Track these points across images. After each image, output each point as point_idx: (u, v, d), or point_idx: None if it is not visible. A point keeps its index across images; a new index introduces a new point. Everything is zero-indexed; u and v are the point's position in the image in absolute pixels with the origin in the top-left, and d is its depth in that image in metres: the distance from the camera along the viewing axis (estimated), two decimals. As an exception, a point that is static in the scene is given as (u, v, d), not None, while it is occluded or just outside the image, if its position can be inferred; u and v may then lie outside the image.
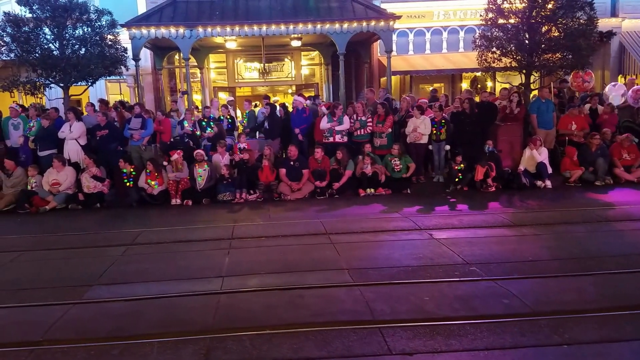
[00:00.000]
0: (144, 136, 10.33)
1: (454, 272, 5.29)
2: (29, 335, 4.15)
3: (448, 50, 15.92)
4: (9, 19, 11.63)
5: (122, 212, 9.04)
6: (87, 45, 11.84)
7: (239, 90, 16.29)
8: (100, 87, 13.93)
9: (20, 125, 10.43)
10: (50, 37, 11.74)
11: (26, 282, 5.49)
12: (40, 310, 4.71)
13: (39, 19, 11.61)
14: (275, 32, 12.37)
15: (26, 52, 11.59)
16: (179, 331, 4.13)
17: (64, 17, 11.66)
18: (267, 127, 10.85)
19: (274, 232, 7.16)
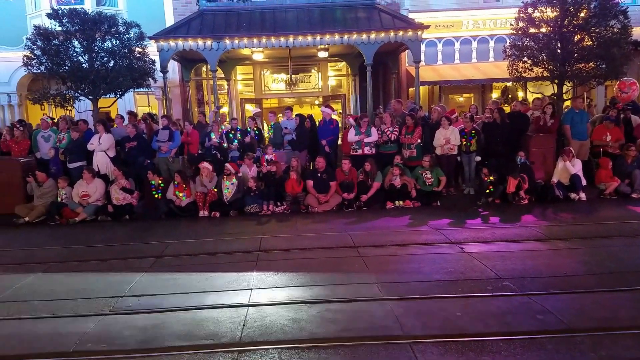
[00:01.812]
0: (171, 148, 10.59)
1: (486, 286, 5.28)
2: (61, 346, 4.29)
3: (478, 60, 15.88)
4: (39, 32, 12.14)
5: (151, 223, 9.26)
6: (115, 58, 12.25)
7: (265, 102, 16.55)
8: (128, 99, 14.38)
9: (51, 138, 10.80)
10: (79, 50, 12.20)
11: (57, 293, 5.67)
12: (71, 321, 4.86)
13: (69, 32, 12.08)
14: (302, 43, 12.58)
15: (56, 65, 12.04)
16: (207, 344, 4.22)
17: (93, 30, 12.11)
18: (294, 139, 11.02)
19: (302, 245, 7.25)
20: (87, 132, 10.76)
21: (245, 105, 16.48)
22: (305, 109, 16.99)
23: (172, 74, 14.21)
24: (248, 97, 16.58)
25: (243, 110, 16.32)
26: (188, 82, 15.48)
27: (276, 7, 13.64)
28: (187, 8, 15.01)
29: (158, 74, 13.03)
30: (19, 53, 13.00)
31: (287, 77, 15.36)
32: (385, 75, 15.76)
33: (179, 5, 15.52)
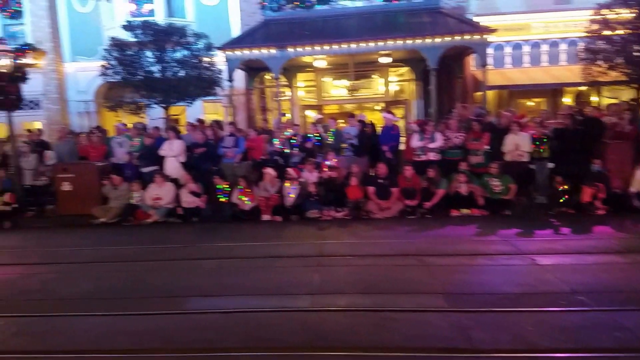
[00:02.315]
0: (236, 154, 10.87)
1: (559, 300, 5.00)
2: (129, 343, 4.45)
3: (549, 64, 15.22)
4: (115, 43, 12.92)
5: (217, 226, 9.50)
6: (186, 68, 12.82)
7: (326, 108, 16.66)
8: (197, 106, 14.94)
9: (125, 143, 11.39)
10: (152, 60, 12.86)
11: (127, 291, 5.90)
12: (140, 319, 5.03)
13: (142, 43, 12.78)
14: (364, 49, 12.59)
15: (131, 74, 12.77)
16: (267, 347, 4.27)
17: (165, 41, 12.73)
18: (355, 145, 11.00)
19: (363, 251, 7.18)
20: (158, 139, 11.22)
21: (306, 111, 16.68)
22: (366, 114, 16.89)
23: (237, 82, 14.63)
24: (309, 103, 16.77)
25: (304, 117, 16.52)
26: (252, 89, 15.89)
27: (339, 14, 13.74)
28: (252, 18, 15.43)
29: (225, 82, 13.48)
30: (97, 63, 13.86)
31: (348, 83, 15.39)
32: (449, 79, 15.43)
33: (245, 15, 15.98)
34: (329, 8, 14.03)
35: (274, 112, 15.36)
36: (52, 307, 5.43)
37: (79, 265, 7.18)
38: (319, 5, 13.96)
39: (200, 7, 16.36)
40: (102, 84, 15.65)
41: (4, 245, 8.81)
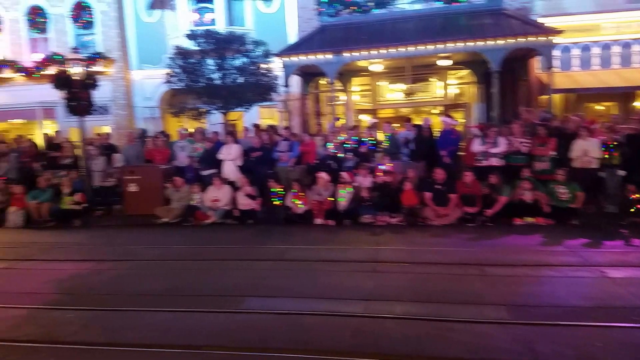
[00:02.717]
0: (290, 158, 10.99)
1: (630, 316, 4.68)
2: (191, 339, 4.56)
3: (621, 66, 14.34)
4: (179, 51, 13.41)
5: (271, 228, 9.60)
6: (244, 75, 13.11)
7: (381, 112, 16.50)
8: (254, 111, 15.22)
9: (187, 147, 11.77)
10: (213, 67, 13.24)
11: (188, 289, 6.06)
12: (201, 316, 5.14)
13: (204, 51, 13.19)
14: (423, 52, 12.37)
15: (193, 82, 13.20)
16: (320, 350, 4.25)
17: (225, 48, 13.08)
18: (411, 149, 10.79)
19: (419, 259, 6.99)
20: (217, 143, 11.52)
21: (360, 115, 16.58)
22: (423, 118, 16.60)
23: (292, 88, 14.78)
24: (364, 107, 16.66)
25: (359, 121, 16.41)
26: (307, 94, 16.00)
27: (397, 17, 13.58)
28: (309, 24, 15.56)
29: (281, 88, 13.66)
30: (161, 71, 14.44)
31: (405, 87, 15.15)
32: (513, 82, 14.86)
33: (302, 22, 16.15)
34: (387, 12, 13.90)
35: (328, 116, 15.36)
36: (119, 302, 5.64)
37: (144, 262, 7.48)
38: (376, 10, 13.85)
39: (259, 15, 16.70)
40: (166, 90, 16.29)
41: (75, 242, 9.30)
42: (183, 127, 14.07)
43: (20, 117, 18.10)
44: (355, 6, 13.99)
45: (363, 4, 13.90)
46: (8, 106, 17.71)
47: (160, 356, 4.30)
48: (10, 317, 5.27)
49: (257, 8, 16.67)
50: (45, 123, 17.52)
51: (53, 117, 17.45)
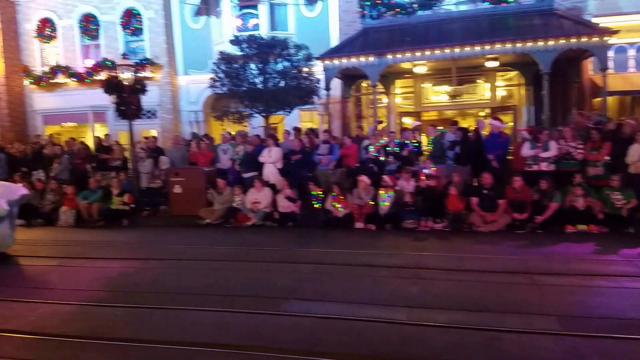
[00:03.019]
0: (330, 161, 10.97)
1: (695, 332, 4.34)
2: (232, 339, 4.58)
3: (682, 66, 13.55)
4: (223, 57, 13.63)
5: (311, 231, 9.60)
6: (286, 78, 13.18)
7: (425, 115, 16.23)
8: (294, 115, 15.27)
9: (229, 150, 11.97)
10: (255, 72, 13.39)
11: (228, 289, 6.11)
12: (242, 316, 5.17)
13: (247, 56, 13.35)
14: (469, 53, 12.08)
15: (236, 86, 13.38)
16: (362, 355, 4.18)
17: (267, 53, 13.20)
18: (457, 153, 10.54)
19: (465, 266, 6.78)
20: (259, 146, 11.65)
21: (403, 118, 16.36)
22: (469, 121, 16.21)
23: (333, 91, 14.73)
24: (407, 110, 16.43)
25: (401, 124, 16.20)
26: (348, 97, 15.92)
27: (442, 19, 13.32)
28: (351, 27, 15.48)
29: (322, 91, 13.66)
30: (206, 76, 14.71)
31: (450, 89, 14.84)
32: (564, 84, 14.29)
33: (344, 25, 16.08)
34: (432, 13, 13.64)
35: (369, 119, 15.24)
36: (164, 300, 5.72)
37: (187, 262, 7.61)
38: (421, 11, 13.63)
39: (301, 19, 16.76)
40: (210, 95, 16.58)
41: (122, 241, 9.62)
42: (226, 130, 14.33)
43: (72, 120, 18.84)
44: (399, 8, 13.79)
45: (407, 6, 13.70)
46: (61, 110, 18.51)
47: (202, 354, 4.32)
48: (62, 313, 5.45)
49: (300, 12, 16.73)
50: (96, 126, 18.18)
51: (104, 120, 18.09)
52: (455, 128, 11.25)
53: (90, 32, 18.09)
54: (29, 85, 18.77)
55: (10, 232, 8.36)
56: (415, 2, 13.56)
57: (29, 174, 12.50)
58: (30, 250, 8.70)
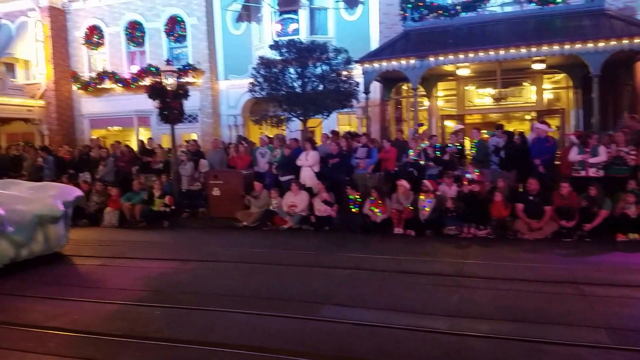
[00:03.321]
0: (369, 165, 10.89)
1: None
2: (268, 343, 4.57)
3: None
4: (262, 62, 13.79)
5: (348, 236, 9.54)
6: (324, 82, 13.20)
7: (468, 118, 15.92)
8: (332, 118, 15.28)
9: (267, 154, 12.08)
10: (294, 76, 13.47)
11: (265, 292, 6.11)
12: (277, 320, 5.16)
13: (286, 61, 13.45)
14: (514, 56, 11.82)
15: (275, 90, 13.51)
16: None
17: (307, 57, 13.26)
18: (502, 157, 10.26)
19: (509, 275, 6.56)
20: (296, 149, 11.71)
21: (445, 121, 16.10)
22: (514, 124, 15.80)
23: (372, 94, 14.66)
24: (449, 113, 16.17)
25: (443, 127, 15.94)
26: (388, 100, 15.80)
27: (486, 20, 13.08)
28: (392, 30, 15.38)
29: (360, 94, 13.61)
30: (245, 80, 14.94)
31: (495, 92, 14.50)
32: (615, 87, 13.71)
33: (384, 28, 15.99)
34: (475, 15, 13.39)
35: (410, 122, 15.07)
36: (202, 301, 5.77)
37: (225, 264, 7.69)
38: (464, 13, 13.40)
39: (341, 22, 16.77)
40: (249, 99, 16.82)
41: (162, 242, 9.83)
42: (264, 134, 14.47)
43: (118, 124, 19.54)
44: (441, 10, 13.60)
45: (450, 8, 13.49)
46: (107, 114, 19.22)
47: (237, 357, 4.33)
48: (104, 312, 5.59)
49: (340, 16, 16.75)
50: (140, 130, 18.75)
51: (147, 124, 18.64)
52: (500, 132, 10.96)
53: (136, 39, 18.70)
54: (77, 91, 19.56)
55: (64, 233, 8.60)
56: (459, 3, 13.34)
57: (76, 176, 12.94)
58: (75, 250, 8.99)
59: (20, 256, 7.67)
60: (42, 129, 19.04)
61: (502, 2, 13.51)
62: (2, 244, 7.35)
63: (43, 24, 18.84)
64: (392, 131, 15.60)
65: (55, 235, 8.30)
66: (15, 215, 7.51)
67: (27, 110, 18.48)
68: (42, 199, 8.22)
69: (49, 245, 8.20)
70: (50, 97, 19.01)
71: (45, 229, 8.06)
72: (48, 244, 8.17)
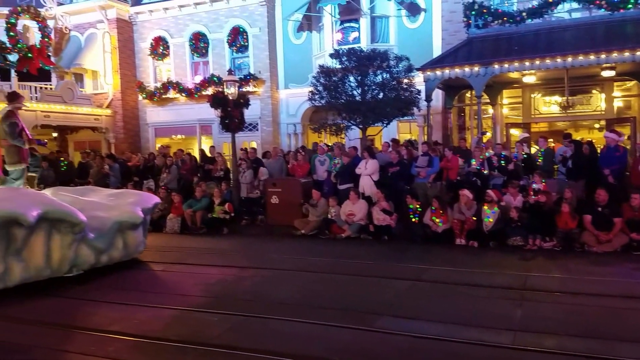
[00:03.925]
0: (429, 173, 10.84)
1: None
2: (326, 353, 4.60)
3: None
4: (322, 70, 14.05)
5: (407, 246, 9.53)
6: (384, 90, 13.28)
7: (534, 126, 15.51)
8: (392, 127, 15.31)
9: (326, 162, 12.28)
10: (354, 84, 13.64)
11: (322, 301, 6.16)
12: (334, 330, 5.16)
13: (346, 69, 13.64)
14: (582, 62, 11.50)
15: (334, 99, 13.72)
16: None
17: (367, 65, 13.39)
18: (569, 167, 9.95)
19: (575, 289, 6.40)
20: (355, 158, 11.83)
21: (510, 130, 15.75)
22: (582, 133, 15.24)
23: (435, 102, 14.60)
24: (514, 121, 15.82)
25: (508, 135, 15.60)
26: (450, 108, 15.65)
27: (553, 27, 12.83)
28: (455, 37, 15.28)
29: (422, 102, 13.58)
30: (305, 89, 15.28)
31: (562, 99, 14.07)
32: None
33: (447, 35, 15.90)
34: (542, 22, 13.11)
35: (473, 130, 14.86)
36: (259, 309, 5.85)
37: (283, 272, 7.84)
38: (530, 20, 13.15)
39: (403, 30, 16.80)
40: (309, 107, 17.16)
41: (222, 249, 10.12)
42: (323, 142, 14.69)
43: (181, 133, 20.41)
44: (506, 17, 13.40)
45: (516, 14, 13.27)
46: (171, 123, 20.14)
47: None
48: (164, 317, 5.74)
49: (401, 24, 16.80)
50: (202, 138, 19.51)
51: (209, 133, 19.39)
52: (568, 141, 10.63)
53: (200, 50, 19.52)
54: (143, 100, 20.53)
55: (143, 239, 8.79)
56: (525, 10, 13.10)
57: (140, 183, 13.54)
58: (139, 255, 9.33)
59: (100, 262, 7.86)
60: (108, 137, 20.06)
61: (570, 8, 13.16)
62: (83, 249, 7.57)
63: (111, 35, 19.88)
64: (454, 139, 15.45)
65: (134, 242, 8.47)
66: (95, 222, 7.71)
67: (94, 119, 19.48)
68: (122, 206, 8.42)
69: (128, 251, 8.38)
70: (116, 107, 20.05)
71: (124, 235, 8.25)
72: (127, 250, 8.34)
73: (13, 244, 6.82)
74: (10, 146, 8.32)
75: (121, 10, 19.97)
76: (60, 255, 7.30)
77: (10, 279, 6.83)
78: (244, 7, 18.68)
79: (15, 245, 6.85)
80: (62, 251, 7.30)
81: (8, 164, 8.47)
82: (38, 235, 7.06)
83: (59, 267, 7.35)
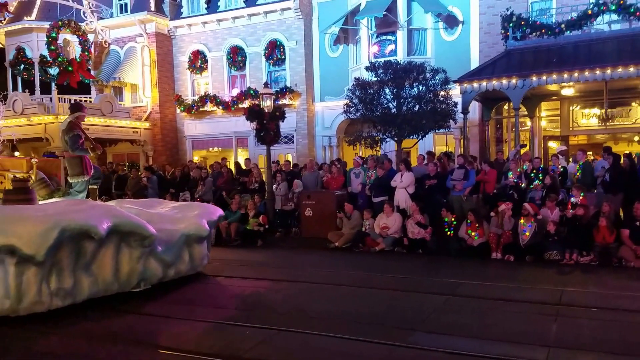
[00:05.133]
0: (466, 187, 10.85)
1: None
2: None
3: None
4: (358, 83, 14.31)
5: (442, 260, 9.55)
6: (420, 103, 13.42)
7: (572, 139, 15.34)
8: (428, 139, 15.40)
9: (361, 174, 12.45)
10: (389, 97, 13.82)
11: (355, 316, 6.15)
12: (367, 346, 5.17)
13: (382, 82, 13.84)
14: (622, 75, 11.45)
15: (370, 111, 13.92)
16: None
17: (403, 78, 13.57)
18: (607, 180, 9.86)
19: (613, 304, 6.39)
20: (390, 170, 11.96)
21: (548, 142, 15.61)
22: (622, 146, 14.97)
23: (472, 114, 14.65)
24: (552, 134, 15.69)
25: (546, 148, 15.46)
26: (487, 121, 15.64)
27: (592, 39, 12.79)
28: (493, 49, 15.35)
29: (458, 115, 13.65)
30: (340, 102, 15.56)
31: (601, 112, 13.91)
32: None
33: (485, 47, 15.97)
34: (581, 34, 13.05)
35: (510, 143, 14.80)
36: (292, 322, 5.90)
37: (315, 285, 7.93)
38: (569, 32, 13.11)
39: (440, 42, 16.91)
40: (344, 120, 17.42)
41: (256, 261, 10.13)
42: (358, 154, 14.88)
43: (218, 145, 20.94)
44: (545, 29, 13.40)
45: (554, 27, 13.25)
46: (208, 136, 20.75)
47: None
48: (198, 330, 5.79)
49: (439, 36, 16.91)
50: (239, 151, 20.01)
51: (245, 145, 19.90)
52: (607, 154, 10.52)
53: (237, 63, 20.08)
54: (180, 113, 21.18)
55: (207, 252, 8.67)
56: (563, 22, 13.09)
57: (177, 194, 13.89)
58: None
59: (167, 276, 7.64)
60: (147, 150, 20.71)
61: (609, 20, 13.06)
62: (152, 263, 7.32)
63: (150, 49, 20.56)
64: (491, 152, 15.42)
65: (200, 255, 8.32)
66: (163, 235, 7.44)
67: (133, 132, 20.15)
68: (189, 218, 8.18)
69: (194, 264, 8.22)
70: (155, 120, 20.71)
71: (190, 249, 8.07)
72: (193, 264, 8.18)
73: (82, 257, 6.57)
74: (72, 157, 8.39)
75: (160, 25, 20.68)
76: (129, 269, 7.07)
77: (79, 294, 6.58)
78: (282, 21, 19.16)
79: (85, 258, 6.60)
80: (130, 265, 7.07)
81: (71, 176, 8.54)
82: (107, 248, 6.84)
83: (128, 281, 7.11)
